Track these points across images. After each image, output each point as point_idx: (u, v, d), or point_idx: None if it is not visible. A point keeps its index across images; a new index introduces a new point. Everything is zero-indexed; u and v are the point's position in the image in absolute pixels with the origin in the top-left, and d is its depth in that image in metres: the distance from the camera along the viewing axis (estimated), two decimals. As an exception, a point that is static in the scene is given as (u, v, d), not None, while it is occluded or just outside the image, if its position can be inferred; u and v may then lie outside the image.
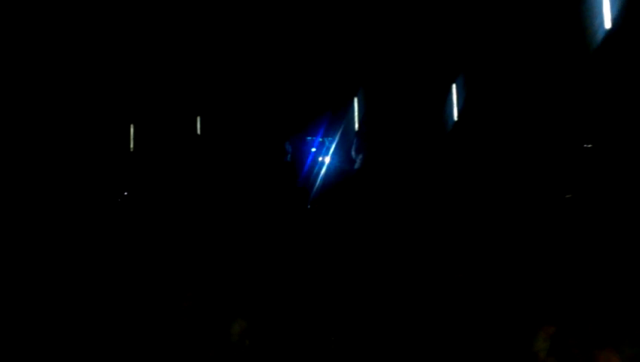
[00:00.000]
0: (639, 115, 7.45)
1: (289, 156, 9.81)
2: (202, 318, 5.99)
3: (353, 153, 9.53)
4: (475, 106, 8.99)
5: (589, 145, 7.90)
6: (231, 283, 6.62)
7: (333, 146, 9.72)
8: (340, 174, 9.38)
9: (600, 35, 7.94)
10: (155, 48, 10.78)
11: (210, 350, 5.72)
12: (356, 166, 9.50)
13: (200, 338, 5.79)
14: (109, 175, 10.58)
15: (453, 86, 9.36)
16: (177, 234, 8.62)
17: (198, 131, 10.98)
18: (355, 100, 10.24)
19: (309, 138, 9.88)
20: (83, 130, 10.75)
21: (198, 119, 10.99)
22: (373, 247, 7.43)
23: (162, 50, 10.77)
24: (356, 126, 10.25)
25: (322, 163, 9.62)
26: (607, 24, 7.92)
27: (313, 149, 9.78)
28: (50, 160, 10.32)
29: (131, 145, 11.17)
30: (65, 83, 10.67)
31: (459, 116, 9.27)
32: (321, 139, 9.83)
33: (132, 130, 11.18)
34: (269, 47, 10.30)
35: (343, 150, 9.64)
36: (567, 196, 7.55)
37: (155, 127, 11.01)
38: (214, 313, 5.99)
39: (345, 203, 8.61)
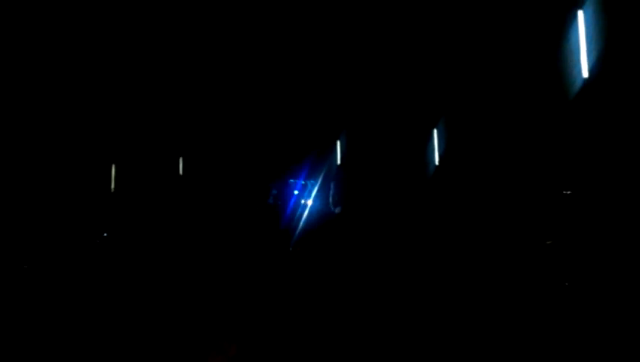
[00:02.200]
0: (617, 162, 7.55)
1: (271, 198, 9.78)
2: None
3: (331, 198, 9.53)
4: (455, 152, 9.07)
5: (569, 192, 7.98)
6: (211, 325, 6.54)
7: (316, 189, 9.70)
8: (323, 217, 9.35)
9: (578, 84, 8.09)
10: (138, 88, 10.79)
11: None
12: (336, 210, 9.48)
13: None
14: (88, 216, 10.47)
15: (435, 131, 9.46)
16: (158, 275, 8.51)
17: (180, 172, 10.94)
18: (338, 143, 10.30)
19: (292, 180, 9.86)
20: (63, 170, 10.66)
21: (181, 160, 10.97)
22: (353, 292, 7.38)
23: (145, 90, 10.78)
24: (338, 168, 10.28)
25: (305, 206, 9.59)
26: (585, 73, 8.08)
27: (296, 192, 9.76)
28: (29, 200, 10.19)
29: (112, 186, 11.09)
30: (46, 122, 10.61)
31: (440, 161, 9.35)
32: (303, 182, 9.82)
33: (113, 170, 11.12)
34: (253, 89, 10.37)
35: (325, 193, 9.64)
36: (548, 242, 7.59)
37: (137, 167, 10.96)
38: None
39: (326, 247, 8.56)
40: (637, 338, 5.38)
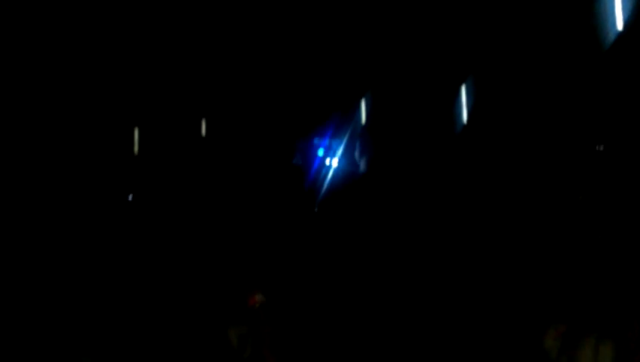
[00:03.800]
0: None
1: (296, 158, 9.69)
2: (202, 323, 5.91)
3: (357, 156, 9.41)
4: (485, 108, 8.88)
5: (601, 147, 7.82)
6: (235, 287, 6.53)
7: (341, 149, 9.58)
8: (348, 177, 9.25)
9: (612, 37, 7.87)
10: (159, 51, 10.68)
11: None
12: (361, 169, 9.37)
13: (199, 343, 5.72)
14: (113, 179, 10.47)
15: (463, 87, 9.24)
16: (184, 237, 8.52)
17: (203, 133, 10.84)
18: (363, 102, 10.10)
19: (317, 140, 9.74)
20: (85, 134, 10.63)
21: (204, 121, 10.86)
22: (380, 252, 7.33)
23: (166, 52, 10.67)
24: (363, 127, 10.12)
25: (330, 166, 9.49)
26: (620, 26, 7.85)
27: (321, 152, 9.65)
28: (52, 164, 10.20)
29: (135, 149, 11.04)
30: (68, 87, 10.56)
31: (468, 118, 9.15)
32: (328, 142, 9.70)
33: (136, 133, 11.06)
34: (277, 48, 10.20)
35: (350, 153, 9.51)
36: (580, 197, 7.47)
37: (160, 129, 10.88)
38: (215, 318, 5.91)
39: (352, 207, 8.49)
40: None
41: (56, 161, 10.23)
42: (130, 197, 10.35)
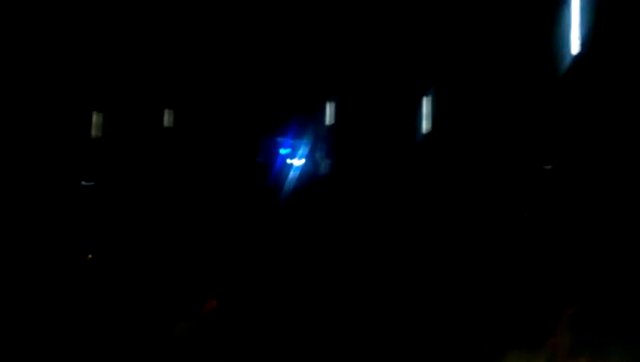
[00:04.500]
0: (603, 136, 7.71)
1: (259, 157, 9.71)
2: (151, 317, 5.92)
3: (319, 157, 9.53)
4: (445, 122, 9.11)
5: (549, 166, 8.13)
6: (190, 284, 6.56)
7: (305, 149, 9.66)
8: (311, 178, 9.36)
9: (568, 60, 8.19)
10: (131, 43, 10.55)
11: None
12: (322, 171, 9.50)
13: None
14: (68, 166, 10.28)
15: (425, 97, 9.41)
16: (139, 231, 8.45)
17: (166, 125, 10.76)
18: (328, 104, 10.18)
19: (280, 139, 9.79)
20: (44, 119, 10.45)
21: (167, 113, 10.78)
22: (340, 254, 7.46)
23: (137, 45, 10.55)
24: (327, 130, 10.25)
25: (292, 166, 9.56)
26: (575, 50, 8.18)
27: (284, 151, 9.71)
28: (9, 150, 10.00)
29: (94, 134, 10.83)
30: (30, 71, 10.36)
31: (430, 125, 9.36)
32: (292, 141, 9.76)
33: (98, 118, 10.86)
34: (244, 47, 10.21)
35: (314, 153, 9.61)
36: (525, 214, 7.74)
37: (123, 118, 10.75)
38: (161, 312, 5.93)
39: (313, 207, 8.61)
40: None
41: (12, 146, 10.05)
42: (85, 183, 10.23)
